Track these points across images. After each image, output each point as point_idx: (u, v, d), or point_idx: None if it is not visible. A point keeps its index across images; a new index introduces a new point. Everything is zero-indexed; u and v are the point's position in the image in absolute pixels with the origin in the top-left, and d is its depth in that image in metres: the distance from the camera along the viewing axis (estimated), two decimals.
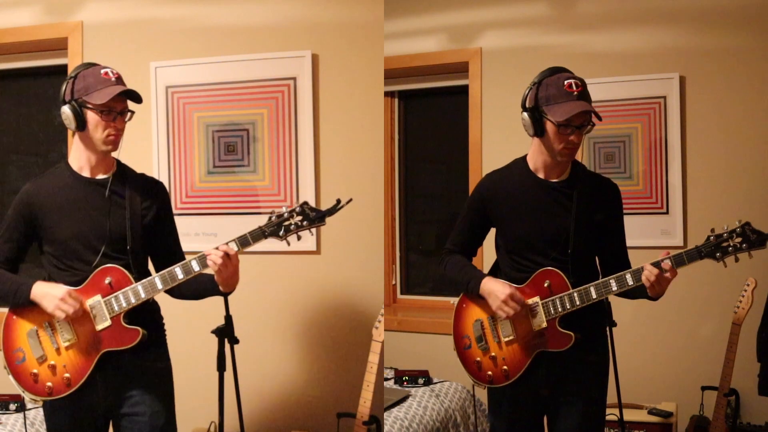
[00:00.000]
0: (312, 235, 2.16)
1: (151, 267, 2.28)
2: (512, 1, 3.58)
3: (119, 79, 2.13)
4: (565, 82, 2.04)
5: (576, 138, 2.05)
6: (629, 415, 3.06)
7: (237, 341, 2.21)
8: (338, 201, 2.10)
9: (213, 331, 2.21)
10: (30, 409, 2.93)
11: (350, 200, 2.12)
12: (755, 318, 2.93)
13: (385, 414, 2.84)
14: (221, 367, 2.20)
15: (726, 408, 2.88)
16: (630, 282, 2.01)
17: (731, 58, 3.16)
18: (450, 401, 3.08)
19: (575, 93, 2.03)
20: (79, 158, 2.16)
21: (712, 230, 1.95)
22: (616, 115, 3.36)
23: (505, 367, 2.17)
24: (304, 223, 2.09)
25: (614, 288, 2.04)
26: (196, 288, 2.22)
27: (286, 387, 3.13)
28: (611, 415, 2.77)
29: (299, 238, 2.12)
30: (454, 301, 3.86)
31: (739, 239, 1.92)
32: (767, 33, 3.11)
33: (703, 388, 3.03)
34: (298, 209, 2.09)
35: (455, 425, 3.04)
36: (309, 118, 3.07)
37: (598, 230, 2.12)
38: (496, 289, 2.12)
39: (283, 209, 2.09)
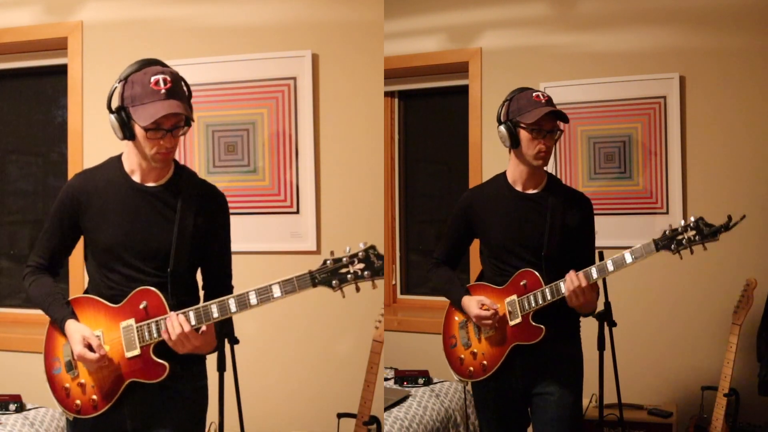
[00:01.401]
0: (375, 288, 1.84)
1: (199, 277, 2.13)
2: (512, 1, 3.58)
3: (172, 90, 1.86)
4: (533, 94, 2.27)
5: (547, 142, 2.26)
6: (629, 415, 3.06)
7: (237, 341, 2.21)
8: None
9: None
10: (30, 409, 2.93)
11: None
12: (755, 318, 2.94)
13: (385, 414, 2.84)
14: (221, 367, 2.19)
15: (726, 408, 2.88)
16: (594, 275, 2.19)
17: (731, 58, 3.16)
18: (450, 401, 3.08)
19: (543, 101, 2.25)
20: (131, 161, 1.97)
21: (670, 225, 2.14)
22: (616, 115, 3.36)
23: (484, 361, 2.34)
24: (366, 273, 1.80)
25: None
26: None
27: (286, 387, 3.13)
28: (611, 415, 2.78)
29: (358, 289, 1.82)
30: None
31: (693, 232, 2.10)
32: (767, 33, 3.11)
33: (703, 388, 3.03)
34: (361, 254, 1.81)
35: (455, 425, 3.04)
36: (309, 118, 3.07)
37: (570, 237, 2.29)
38: (470, 307, 2.33)
39: (346, 251, 1.81)
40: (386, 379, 3.25)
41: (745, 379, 2.95)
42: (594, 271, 2.19)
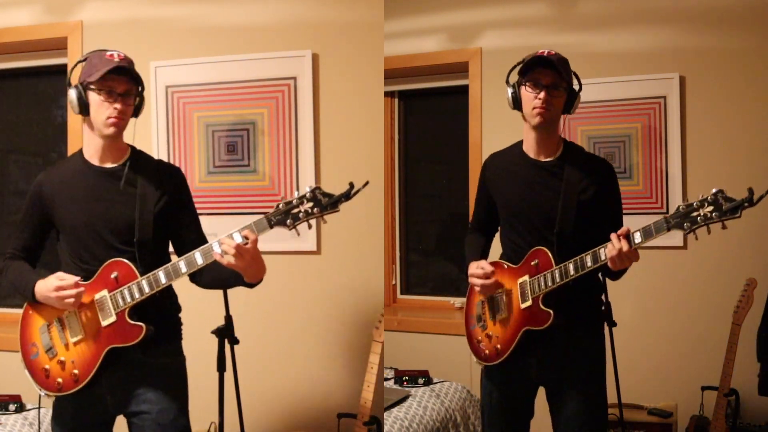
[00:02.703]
0: (325, 222, 1.95)
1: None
2: (512, 1, 3.58)
3: (125, 60, 2.07)
4: (539, 51, 2.14)
5: (545, 96, 2.08)
6: (629, 415, 3.06)
7: (237, 341, 2.21)
8: (351, 185, 1.93)
9: (213, 332, 2.21)
10: (30, 409, 2.93)
11: (367, 183, 1.97)
12: (755, 318, 2.94)
13: (385, 414, 2.84)
14: (221, 367, 2.19)
15: (726, 408, 2.88)
16: (602, 257, 1.98)
17: (731, 58, 3.16)
18: (450, 401, 3.08)
19: (546, 56, 2.11)
20: (89, 146, 2.11)
21: (686, 199, 1.85)
22: (616, 115, 3.36)
23: (498, 345, 2.20)
24: (315, 210, 1.91)
25: (589, 264, 2.01)
26: (216, 277, 2.11)
27: (287, 387, 3.13)
28: (611, 415, 2.77)
29: (310, 226, 1.94)
30: (453, 301, 3.88)
31: (710, 208, 1.80)
32: (767, 33, 3.11)
33: (703, 388, 3.03)
34: (308, 195, 1.92)
35: (455, 425, 3.04)
36: (309, 118, 3.07)
37: (589, 211, 2.10)
38: (470, 269, 2.22)
39: (295, 194, 1.93)
40: (386, 379, 3.25)
41: (745, 379, 2.95)
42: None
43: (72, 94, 2.06)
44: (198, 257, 1.97)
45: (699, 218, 1.81)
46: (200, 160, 3.17)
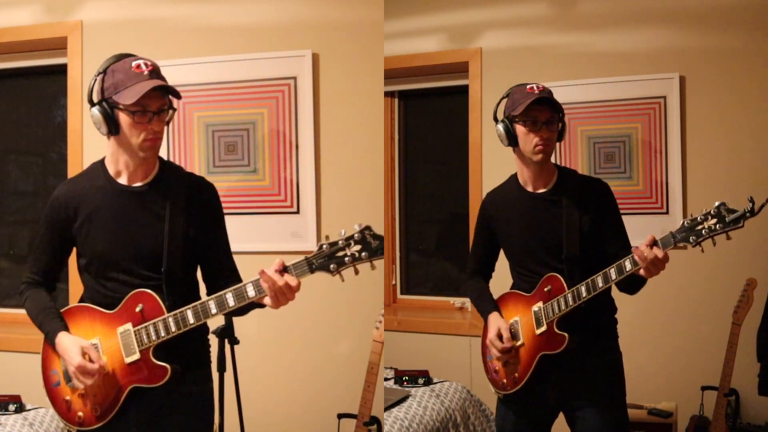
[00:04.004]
0: (373, 269, 1.75)
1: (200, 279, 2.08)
2: (512, 1, 3.58)
3: (154, 72, 1.84)
4: (527, 86, 2.15)
5: (544, 134, 2.12)
6: (629, 415, 3.05)
7: (237, 342, 2.21)
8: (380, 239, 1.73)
9: (213, 332, 2.20)
10: (30, 409, 2.93)
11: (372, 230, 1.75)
12: (755, 318, 2.94)
13: (385, 414, 2.84)
14: (221, 367, 2.19)
15: (726, 408, 2.88)
16: (613, 276, 2.01)
17: (731, 58, 3.16)
18: (450, 401, 3.08)
19: (536, 92, 2.12)
20: (116, 162, 1.92)
21: (690, 214, 1.90)
22: (616, 115, 3.36)
23: (516, 373, 2.23)
24: (363, 255, 1.71)
25: (600, 284, 2.04)
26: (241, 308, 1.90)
27: (287, 387, 3.12)
28: None
29: (357, 272, 1.73)
30: (454, 301, 3.88)
31: (714, 221, 1.85)
32: (767, 33, 3.11)
33: (703, 388, 3.03)
34: (357, 236, 1.72)
35: (455, 425, 3.04)
36: (309, 118, 3.07)
37: (592, 232, 2.14)
38: (488, 334, 2.25)
39: (342, 234, 1.73)
40: (386, 379, 3.25)
41: (745, 379, 2.95)
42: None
43: (96, 113, 1.85)
44: (230, 299, 1.80)
45: (704, 231, 1.86)
46: (200, 159, 3.17)
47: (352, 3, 3.07)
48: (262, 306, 1.89)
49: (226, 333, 2.19)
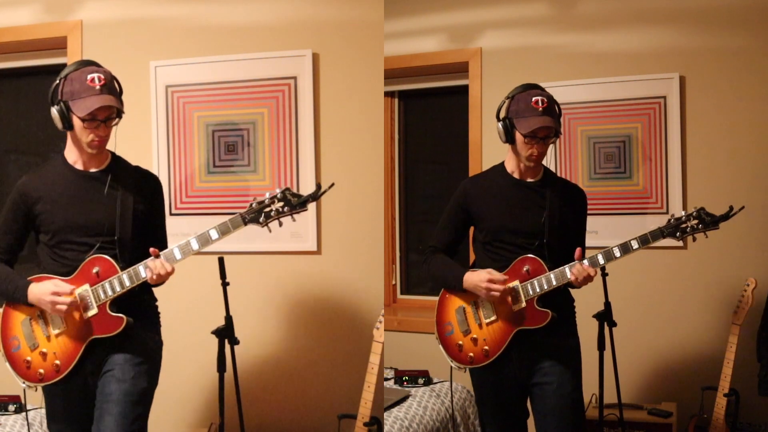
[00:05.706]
0: (294, 221, 2.20)
1: None
2: (512, 1, 3.58)
3: (106, 86, 2.11)
4: (533, 99, 2.29)
5: (539, 148, 2.31)
6: (629, 415, 3.06)
7: (237, 342, 2.21)
8: (318, 186, 2.17)
9: (213, 332, 2.21)
10: (30, 410, 2.93)
11: (332, 185, 2.18)
12: (755, 318, 2.94)
13: (385, 414, 2.84)
14: (221, 368, 2.20)
15: (726, 408, 2.89)
16: (601, 261, 2.26)
17: (731, 58, 3.16)
18: (450, 401, 3.08)
19: (540, 109, 2.27)
20: (72, 153, 2.22)
21: (672, 215, 2.26)
22: (616, 115, 3.36)
23: (486, 347, 2.37)
24: (285, 209, 2.14)
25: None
26: None
27: (287, 388, 3.13)
28: (611, 415, 2.78)
29: (281, 224, 2.16)
30: None
31: (695, 221, 2.23)
32: (767, 33, 3.11)
33: (703, 388, 3.03)
34: (279, 195, 2.14)
35: (455, 425, 3.04)
36: (309, 118, 3.07)
37: (566, 226, 2.36)
38: (477, 278, 2.33)
39: (266, 195, 2.14)
40: (386, 379, 3.25)
41: (745, 379, 2.95)
42: (600, 258, 2.25)
43: (55, 112, 2.14)
44: (177, 252, 2.13)
45: (687, 229, 2.25)
46: (200, 159, 3.17)
47: (352, 3, 3.07)
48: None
49: (226, 333, 2.20)
